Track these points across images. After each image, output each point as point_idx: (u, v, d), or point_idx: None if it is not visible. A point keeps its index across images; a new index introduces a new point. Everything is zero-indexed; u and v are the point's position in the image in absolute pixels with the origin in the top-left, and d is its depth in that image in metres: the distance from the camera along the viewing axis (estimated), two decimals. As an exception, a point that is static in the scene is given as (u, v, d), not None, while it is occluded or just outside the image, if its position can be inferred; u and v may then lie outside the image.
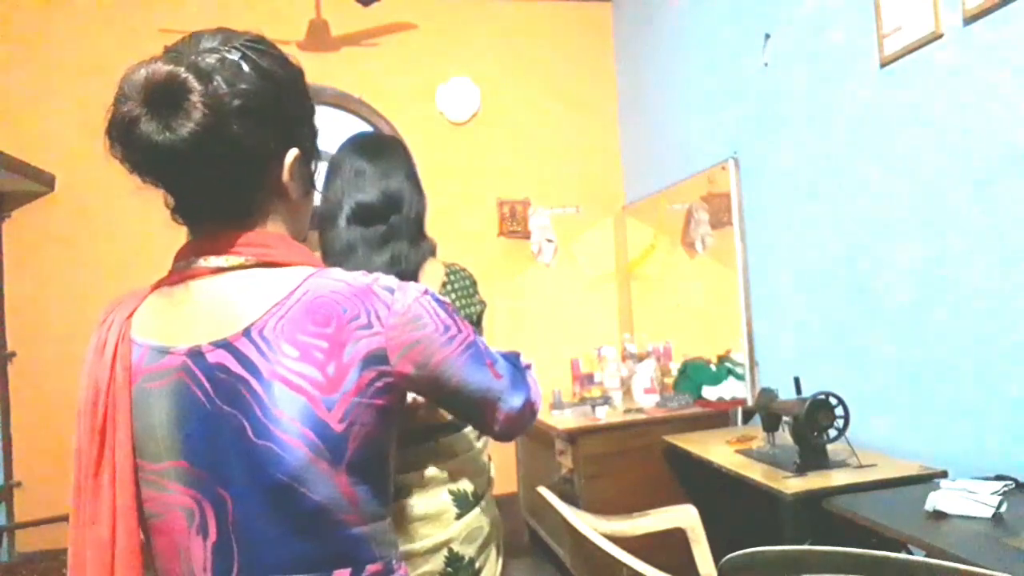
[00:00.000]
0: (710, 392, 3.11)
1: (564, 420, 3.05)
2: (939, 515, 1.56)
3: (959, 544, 1.40)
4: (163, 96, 0.68)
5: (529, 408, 0.93)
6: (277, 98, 0.76)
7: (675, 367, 3.45)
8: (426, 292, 0.81)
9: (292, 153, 0.79)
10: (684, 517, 2.05)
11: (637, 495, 2.59)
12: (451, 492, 1.34)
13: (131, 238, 3.62)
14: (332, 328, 0.72)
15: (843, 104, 2.38)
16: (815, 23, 2.51)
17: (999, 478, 1.69)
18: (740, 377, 3.03)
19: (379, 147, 1.45)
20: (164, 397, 0.72)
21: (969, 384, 1.93)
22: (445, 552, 1.31)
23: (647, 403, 3.22)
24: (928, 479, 1.88)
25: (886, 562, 1.00)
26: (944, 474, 1.92)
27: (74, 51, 3.60)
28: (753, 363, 2.96)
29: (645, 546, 1.75)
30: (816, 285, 2.57)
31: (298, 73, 0.81)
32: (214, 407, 0.71)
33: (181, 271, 0.77)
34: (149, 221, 3.68)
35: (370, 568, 0.76)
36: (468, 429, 1.40)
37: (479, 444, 1.43)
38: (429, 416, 1.35)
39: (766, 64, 2.79)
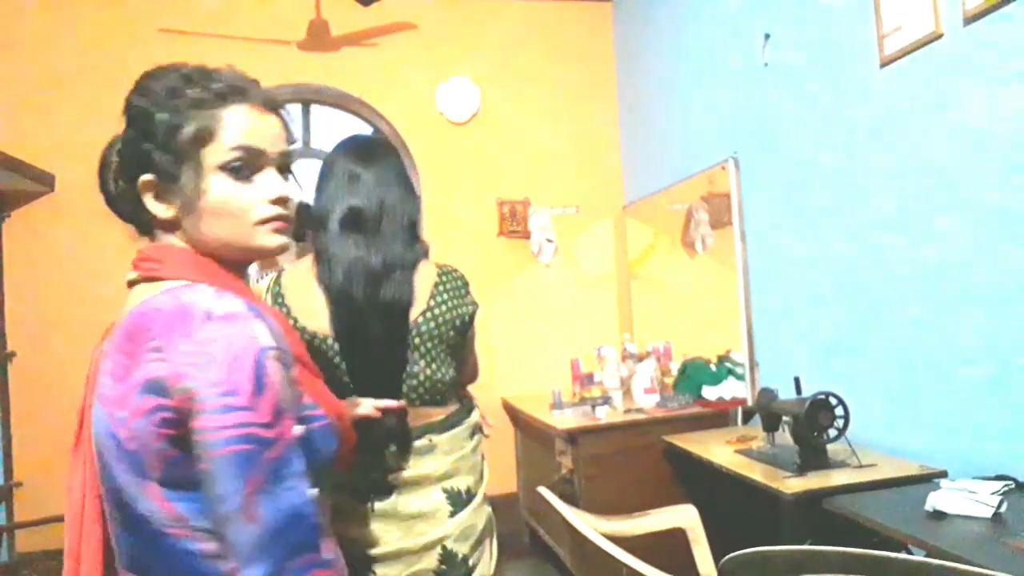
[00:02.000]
0: (710, 392, 3.11)
1: (564, 420, 3.05)
2: (939, 515, 1.56)
3: (959, 544, 1.40)
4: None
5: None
6: (130, 129, 0.86)
7: (675, 367, 3.45)
8: (254, 343, 0.73)
9: (142, 180, 0.85)
10: (684, 517, 2.05)
11: (637, 495, 2.59)
12: (444, 490, 1.34)
13: (130, 238, 3.62)
14: (130, 346, 0.75)
15: (843, 104, 2.38)
16: (815, 23, 2.51)
17: (999, 478, 1.70)
18: (740, 377, 3.03)
19: (372, 151, 1.45)
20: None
21: (969, 384, 1.93)
22: (439, 550, 1.31)
23: (647, 403, 3.22)
24: (928, 479, 1.88)
25: (886, 562, 1.00)
26: (944, 474, 1.92)
27: (74, 51, 3.60)
28: (753, 363, 2.96)
29: (645, 546, 1.75)
30: (816, 285, 2.57)
31: (142, 91, 0.87)
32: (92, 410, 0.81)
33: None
34: (149, 221, 3.67)
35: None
36: (461, 428, 1.40)
37: (472, 442, 1.44)
38: (420, 415, 1.35)
39: (766, 64, 2.79)
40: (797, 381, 2.22)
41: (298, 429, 0.75)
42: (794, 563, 1.09)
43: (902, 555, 1.08)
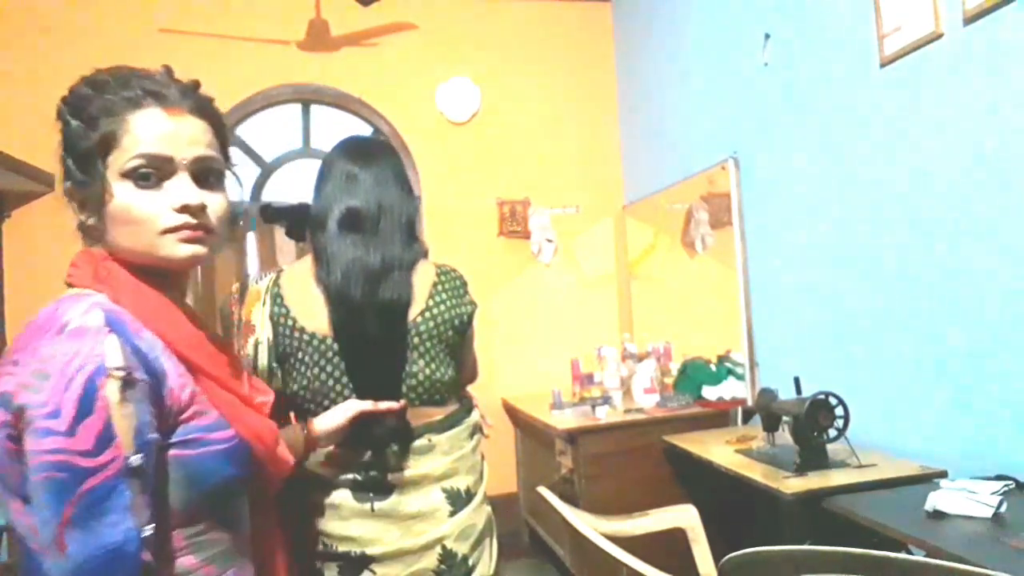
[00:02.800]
0: (710, 392, 3.11)
1: (564, 420, 3.05)
2: (939, 515, 1.56)
3: (959, 544, 1.40)
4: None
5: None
6: (62, 140, 0.86)
7: (675, 367, 3.45)
8: (93, 368, 0.70)
9: (64, 186, 0.87)
10: (684, 517, 2.05)
11: (637, 495, 2.59)
12: (444, 490, 1.34)
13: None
14: (28, 343, 0.74)
15: (843, 104, 2.38)
16: (815, 23, 2.51)
17: (999, 478, 1.70)
18: (740, 377, 3.03)
19: (370, 151, 1.45)
20: None
21: (969, 384, 1.93)
22: (438, 549, 1.31)
23: (647, 403, 3.22)
24: (928, 479, 1.88)
25: (886, 562, 1.00)
26: (944, 474, 1.92)
27: (74, 51, 3.59)
28: (753, 363, 2.96)
29: (645, 546, 1.76)
30: (816, 285, 2.57)
31: (66, 113, 0.87)
32: None
33: None
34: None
35: None
36: (461, 428, 1.41)
37: (471, 442, 1.44)
38: (419, 415, 1.35)
39: (766, 64, 2.79)
40: (797, 381, 2.22)
41: (135, 459, 0.70)
42: (794, 563, 1.09)
43: (902, 555, 1.07)
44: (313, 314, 1.33)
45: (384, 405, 1.28)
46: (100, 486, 0.67)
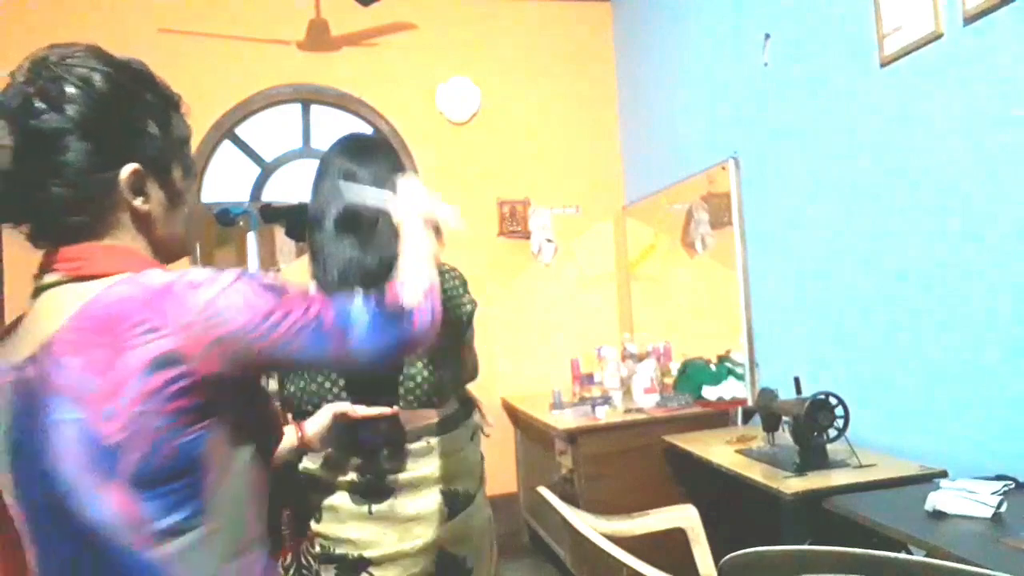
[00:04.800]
0: (710, 392, 3.11)
1: (564, 420, 3.05)
2: (939, 515, 1.56)
3: (959, 544, 1.40)
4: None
5: (401, 347, 0.87)
6: (102, 116, 0.76)
7: (675, 367, 3.45)
8: (240, 278, 0.76)
9: (128, 168, 0.78)
10: (684, 517, 2.05)
11: (637, 495, 2.59)
12: (443, 492, 1.34)
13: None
14: (110, 336, 0.70)
15: (843, 104, 2.38)
16: (815, 23, 2.51)
17: (999, 478, 1.69)
18: (740, 377, 3.03)
19: (367, 149, 1.43)
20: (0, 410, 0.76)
21: (969, 384, 1.93)
22: (436, 552, 1.31)
23: (647, 403, 3.22)
24: (928, 479, 1.88)
25: (886, 562, 1.00)
26: (944, 474, 1.91)
27: (74, 51, 3.60)
28: (753, 363, 2.96)
29: (645, 546, 1.75)
30: (816, 285, 2.57)
31: (134, 84, 0.80)
32: (15, 422, 0.74)
33: (34, 288, 0.81)
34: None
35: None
36: (460, 429, 1.40)
37: (471, 444, 1.43)
38: (418, 417, 1.34)
39: (766, 64, 2.79)
40: (797, 381, 2.22)
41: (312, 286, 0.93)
42: (794, 563, 1.09)
43: (902, 555, 1.08)
44: None
45: (375, 410, 1.28)
46: (330, 310, 0.81)
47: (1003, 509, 1.53)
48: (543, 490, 1.97)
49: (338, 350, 0.80)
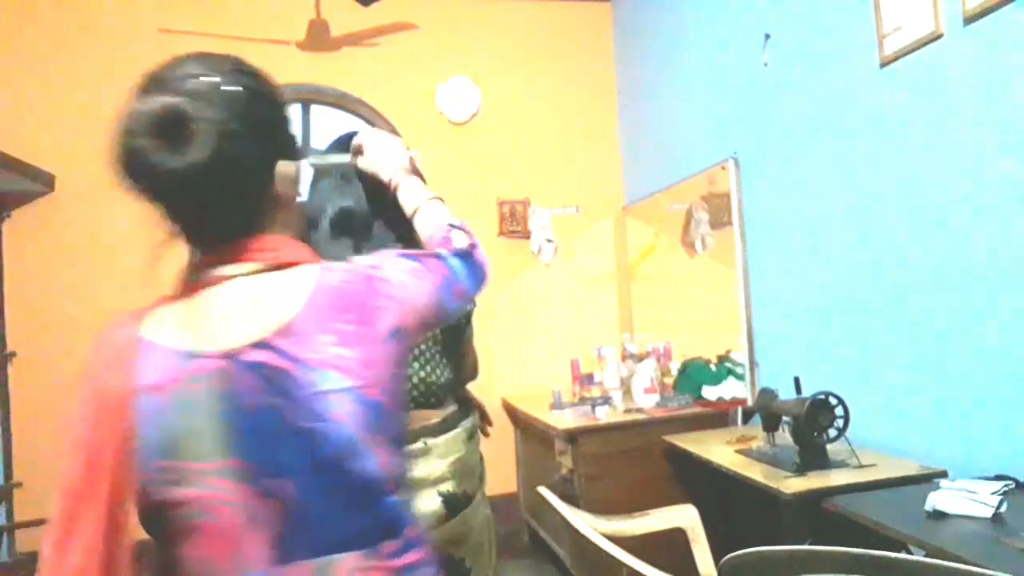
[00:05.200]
0: (710, 392, 3.11)
1: (564, 420, 3.05)
2: (939, 515, 1.56)
3: (959, 544, 1.40)
4: (169, 126, 0.72)
5: (486, 279, 1.02)
6: (265, 115, 0.82)
7: (675, 367, 3.45)
8: (399, 255, 0.89)
9: (282, 164, 0.83)
10: (684, 517, 2.05)
11: (637, 495, 2.59)
12: (441, 494, 1.33)
13: (130, 238, 3.62)
14: (356, 313, 0.79)
15: (843, 104, 2.38)
16: (815, 23, 2.51)
17: (999, 478, 1.69)
18: (740, 377, 3.03)
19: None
20: (208, 398, 0.74)
21: (969, 384, 1.93)
22: (436, 553, 1.31)
23: (647, 403, 3.22)
24: (928, 479, 1.88)
25: (886, 562, 1.00)
26: (944, 474, 1.91)
27: (74, 51, 3.60)
28: (753, 363, 2.96)
29: (645, 546, 1.76)
30: (816, 285, 2.57)
31: (276, 87, 0.88)
32: (260, 402, 0.74)
33: (197, 282, 0.79)
34: (148, 220, 3.67)
35: (408, 533, 0.81)
36: (458, 430, 1.39)
37: (469, 444, 1.43)
38: (415, 418, 1.34)
39: (766, 64, 2.79)
40: (797, 381, 2.22)
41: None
42: (794, 563, 1.09)
43: (902, 555, 1.08)
44: None
45: None
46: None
47: (1003, 509, 1.53)
48: (543, 490, 1.97)
49: (459, 299, 0.94)
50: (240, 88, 0.79)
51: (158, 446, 0.72)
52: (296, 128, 0.90)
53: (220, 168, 0.74)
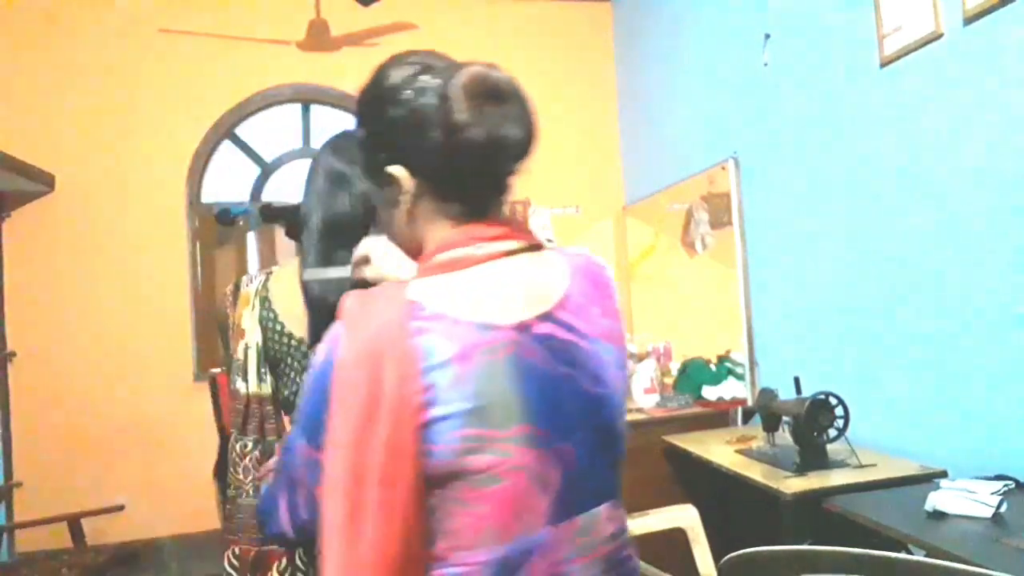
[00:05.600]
0: (710, 392, 3.11)
1: (564, 420, 3.04)
2: (939, 515, 1.56)
3: (959, 544, 1.40)
4: (511, 95, 0.81)
5: None
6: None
7: (675, 367, 3.45)
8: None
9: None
10: (684, 517, 2.05)
11: (637, 495, 2.58)
12: None
13: (130, 237, 3.62)
14: (604, 290, 0.86)
15: (843, 104, 2.38)
16: (815, 23, 2.51)
17: (999, 478, 1.69)
18: (740, 377, 3.03)
19: (357, 148, 1.40)
20: (505, 368, 0.76)
21: (969, 384, 1.93)
22: None
23: (647, 403, 3.22)
24: (928, 479, 1.88)
25: (886, 562, 1.00)
26: (944, 474, 1.91)
27: (74, 51, 3.60)
28: (753, 363, 2.96)
29: (645, 546, 1.75)
30: (816, 285, 2.57)
31: None
32: (551, 370, 0.77)
33: (469, 256, 0.81)
34: (148, 221, 3.68)
35: None
36: None
37: None
38: None
39: (766, 64, 2.79)
40: (797, 381, 2.22)
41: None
42: (794, 563, 1.09)
43: (902, 555, 1.07)
44: (300, 320, 1.29)
45: None
46: None
47: (1003, 509, 1.53)
48: (543, 490, 1.97)
49: None
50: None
51: (461, 416, 0.73)
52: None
53: (533, 144, 0.83)
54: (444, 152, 0.77)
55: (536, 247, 0.85)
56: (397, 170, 0.81)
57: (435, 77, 0.79)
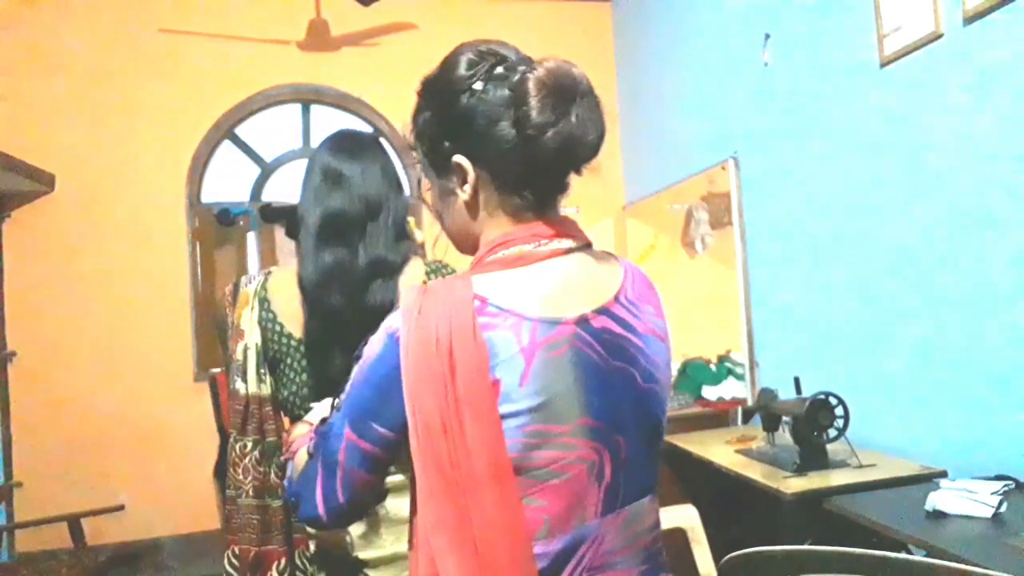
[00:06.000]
0: (710, 392, 3.11)
1: (564, 420, 3.04)
2: (939, 515, 1.56)
3: (959, 544, 1.40)
4: (587, 97, 0.81)
5: None
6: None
7: (675, 367, 3.45)
8: None
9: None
10: (684, 517, 2.05)
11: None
12: None
13: (130, 238, 3.62)
14: (652, 292, 0.88)
15: (843, 104, 2.38)
16: (815, 23, 2.51)
17: (999, 478, 1.69)
18: (740, 377, 3.03)
19: (355, 147, 1.37)
20: (567, 363, 0.76)
21: (969, 384, 1.93)
22: None
23: (647, 403, 3.22)
24: (928, 479, 1.88)
25: (886, 562, 1.00)
26: (944, 474, 1.91)
27: (74, 51, 3.59)
28: (753, 363, 2.96)
29: (645, 546, 1.75)
30: (816, 285, 2.57)
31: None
32: (607, 364, 0.78)
33: (530, 253, 0.81)
34: (148, 221, 3.68)
35: None
36: None
37: None
38: None
39: (766, 64, 2.79)
40: (797, 381, 2.22)
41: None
42: (794, 563, 1.09)
43: (902, 555, 1.07)
44: (299, 320, 1.29)
45: None
46: None
47: (1003, 509, 1.53)
48: (543, 490, 1.97)
49: None
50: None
51: (527, 412, 0.73)
52: None
53: (602, 144, 0.84)
54: (515, 147, 0.77)
55: (589, 245, 0.86)
56: (462, 159, 0.81)
57: (509, 69, 0.78)
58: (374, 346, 0.80)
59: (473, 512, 0.73)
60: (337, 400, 0.88)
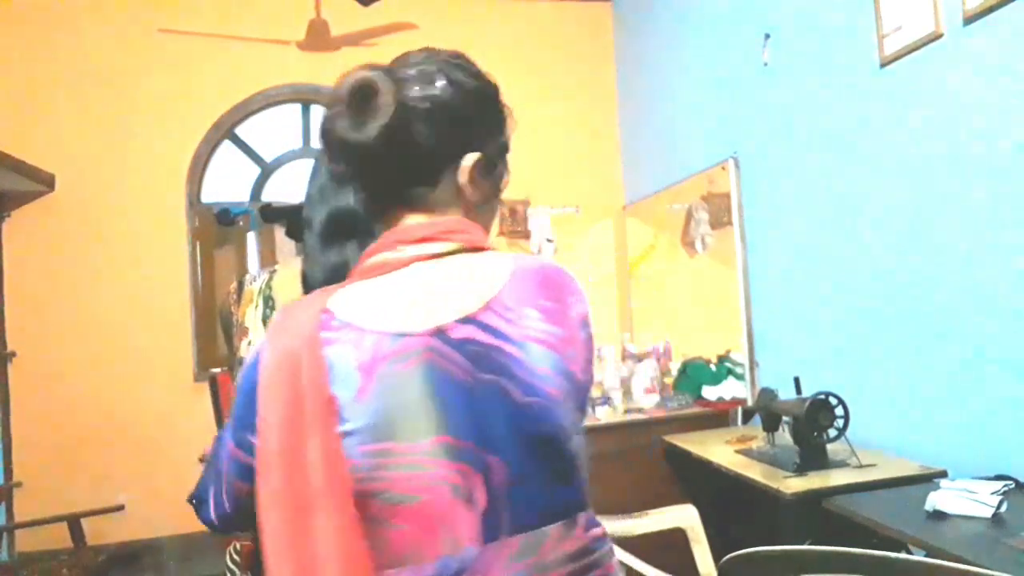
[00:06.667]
0: (710, 392, 3.10)
1: (564, 420, 3.04)
2: (939, 515, 1.56)
3: (959, 544, 1.40)
4: (358, 97, 0.77)
5: None
6: (464, 107, 0.83)
7: (675, 367, 3.45)
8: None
9: (471, 157, 0.83)
10: (684, 517, 2.05)
11: (637, 495, 2.59)
12: None
13: (130, 237, 3.62)
14: (556, 294, 0.80)
15: (843, 104, 2.38)
16: (815, 23, 2.51)
17: (999, 478, 1.69)
18: (740, 377, 3.03)
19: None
20: (416, 378, 0.72)
21: (969, 384, 1.93)
22: None
23: (647, 403, 3.21)
24: (928, 479, 1.88)
25: (886, 562, 1.00)
26: (944, 474, 1.91)
27: (74, 51, 3.59)
28: (753, 363, 2.96)
29: (645, 546, 1.76)
30: (816, 285, 2.57)
31: (492, 88, 0.90)
32: (472, 378, 0.73)
33: (390, 261, 0.79)
34: (148, 221, 3.68)
35: (590, 510, 0.81)
36: None
37: None
38: None
39: (766, 64, 2.79)
40: (797, 381, 2.22)
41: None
42: (794, 563, 1.09)
43: (902, 555, 1.08)
44: None
45: None
46: None
47: (1003, 509, 1.53)
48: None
49: None
50: (445, 78, 0.81)
51: (365, 431, 0.70)
52: (507, 133, 0.95)
53: (392, 145, 0.77)
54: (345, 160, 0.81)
55: (476, 249, 0.81)
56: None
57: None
58: (247, 358, 0.80)
59: (308, 532, 0.70)
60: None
